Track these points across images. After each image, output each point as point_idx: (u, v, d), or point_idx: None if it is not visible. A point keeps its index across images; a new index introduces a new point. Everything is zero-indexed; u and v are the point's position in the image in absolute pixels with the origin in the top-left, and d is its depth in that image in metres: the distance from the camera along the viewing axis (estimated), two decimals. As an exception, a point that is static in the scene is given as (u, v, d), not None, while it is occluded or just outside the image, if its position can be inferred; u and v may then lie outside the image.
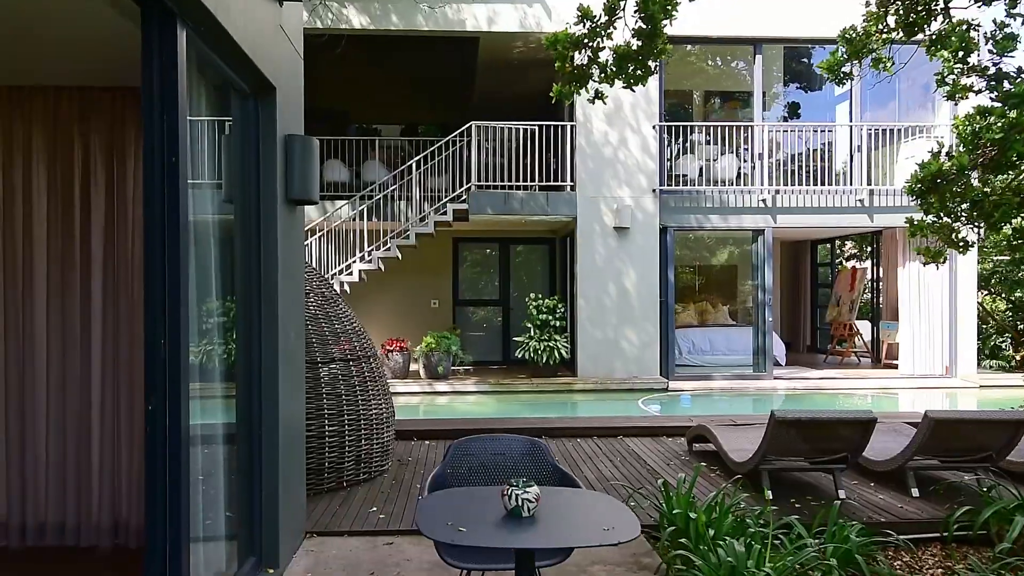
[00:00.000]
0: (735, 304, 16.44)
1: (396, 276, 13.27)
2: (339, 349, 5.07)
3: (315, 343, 4.96)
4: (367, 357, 5.34)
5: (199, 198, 2.98)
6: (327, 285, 5.58)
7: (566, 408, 10.22)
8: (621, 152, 11.33)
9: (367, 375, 5.25)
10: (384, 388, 5.52)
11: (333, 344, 5.08)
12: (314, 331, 5.00)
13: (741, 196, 11.51)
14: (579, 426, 6.88)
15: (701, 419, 7.18)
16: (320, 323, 5.07)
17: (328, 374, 4.98)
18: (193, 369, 2.58)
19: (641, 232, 11.33)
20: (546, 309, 11.41)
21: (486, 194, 11.14)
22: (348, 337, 5.17)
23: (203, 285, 2.96)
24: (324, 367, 4.98)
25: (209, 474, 3.03)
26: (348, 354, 5.14)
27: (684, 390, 10.79)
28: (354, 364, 5.16)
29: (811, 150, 12.51)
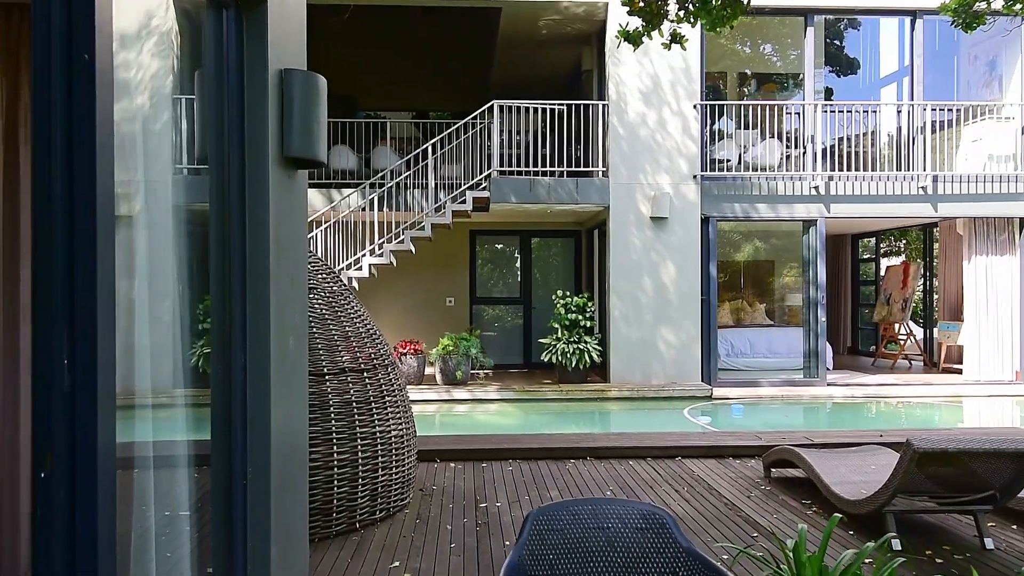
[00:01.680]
0: (771, 302, 15.46)
1: (409, 272, 12.37)
2: (351, 357, 4.15)
3: (321, 350, 4.05)
4: (384, 366, 4.42)
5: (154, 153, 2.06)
6: (335, 279, 4.66)
7: (601, 419, 9.29)
8: (659, 134, 10.37)
9: (384, 388, 4.33)
10: (404, 403, 4.60)
11: (344, 351, 4.16)
12: (320, 335, 4.09)
13: (790, 183, 10.53)
14: (629, 445, 5.94)
15: (770, 436, 6.25)
16: (327, 325, 4.15)
17: (337, 388, 4.06)
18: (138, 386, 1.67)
19: (680, 222, 10.38)
20: (575, 308, 10.47)
21: (509, 181, 10.21)
22: (362, 342, 4.25)
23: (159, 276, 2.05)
24: (332, 379, 4.06)
25: (166, 526, 2.12)
26: (362, 363, 4.22)
27: (730, 398, 9.83)
28: (369, 375, 4.24)
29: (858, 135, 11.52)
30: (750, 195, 10.50)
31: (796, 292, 15.32)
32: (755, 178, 10.56)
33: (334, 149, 12.00)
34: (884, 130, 11.52)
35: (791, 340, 12.67)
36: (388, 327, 12.55)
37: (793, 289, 15.40)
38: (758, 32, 14.38)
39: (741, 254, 16.06)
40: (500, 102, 10.16)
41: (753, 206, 10.50)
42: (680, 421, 8.49)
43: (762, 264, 15.55)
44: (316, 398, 3.93)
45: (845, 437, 6.19)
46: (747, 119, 11.09)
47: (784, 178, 10.59)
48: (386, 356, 4.52)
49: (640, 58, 10.20)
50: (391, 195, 10.79)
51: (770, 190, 10.50)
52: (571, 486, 5.06)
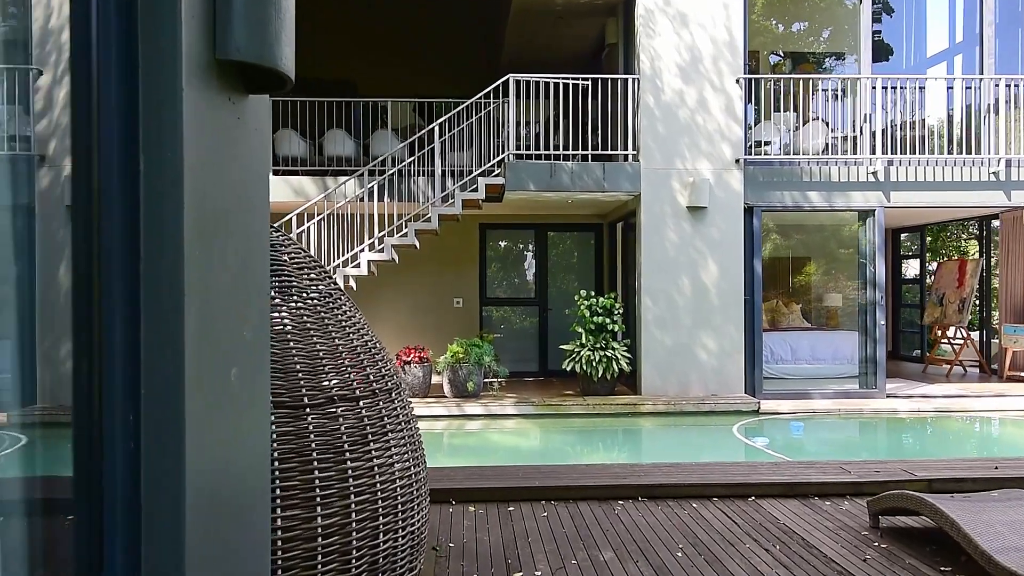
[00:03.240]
0: (807, 303, 14.39)
1: (412, 269, 11.33)
2: (342, 380, 3.09)
3: (300, 372, 2.98)
4: (387, 390, 3.35)
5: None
6: (324, 276, 3.56)
7: (636, 440, 8.23)
8: (699, 115, 9.30)
9: (388, 420, 3.26)
10: (413, 438, 3.52)
11: (333, 372, 3.09)
12: (298, 351, 3.02)
13: (844, 169, 9.46)
14: (689, 482, 4.87)
15: (858, 468, 5.18)
16: (309, 338, 3.08)
17: (321, 425, 2.99)
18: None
19: (721, 213, 9.31)
20: (601, 310, 9.41)
21: (527, 166, 9.15)
22: (357, 360, 3.19)
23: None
24: (315, 413, 2.99)
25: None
26: (358, 388, 3.15)
27: (780, 412, 8.75)
28: (367, 403, 3.17)
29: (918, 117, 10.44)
30: (800, 182, 9.42)
31: (835, 292, 14.26)
32: (805, 163, 9.48)
33: (329, 134, 10.97)
34: (947, 108, 10.44)
35: (837, 345, 11.62)
36: (390, 332, 11.51)
37: (832, 288, 14.33)
38: (790, 8, 13.31)
39: (773, 249, 14.99)
40: (517, 76, 9.10)
41: (804, 194, 9.43)
42: (731, 442, 7.43)
43: (796, 261, 14.47)
44: (292, 440, 2.87)
45: (952, 469, 5.12)
46: (790, 98, 10.01)
47: (838, 163, 9.52)
48: (389, 376, 3.45)
49: (679, 28, 9.14)
50: (393, 184, 9.75)
51: (823, 176, 9.43)
52: (627, 542, 3.99)
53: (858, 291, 9.93)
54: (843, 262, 14.39)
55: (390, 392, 3.42)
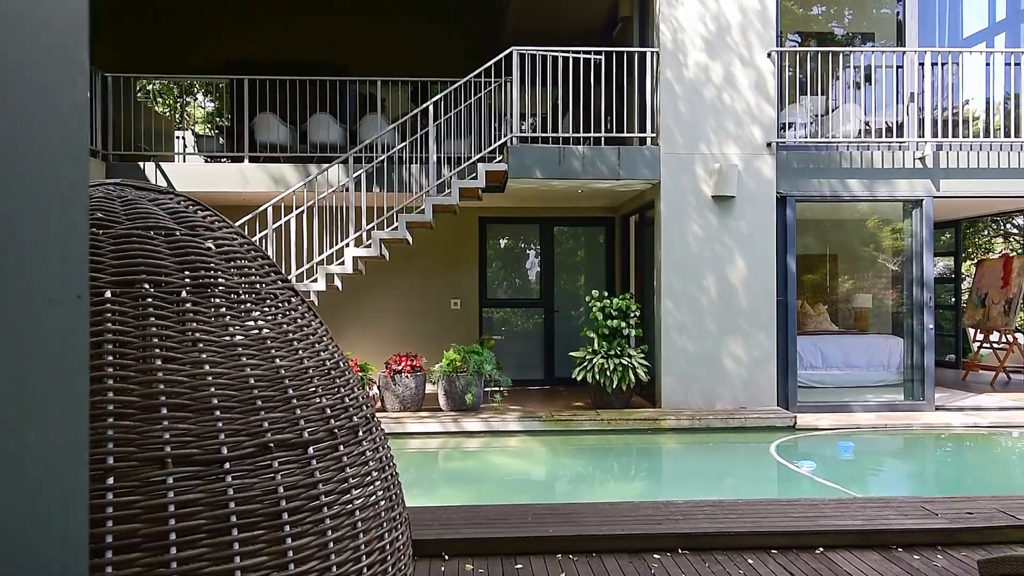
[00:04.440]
0: (834, 304, 13.49)
1: (405, 268, 10.44)
2: (288, 420, 2.17)
3: (218, 412, 2.06)
4: (351, 428, 2.44)
5: None
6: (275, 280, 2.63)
7: (659, 462, 7.34)
8: (726, 93, 8.41)
9: (351, 472, 2.34)
10: (389, 490, 2.60)
11: (270, 407, 2.17)
12: (217, 381, 2.09)
13: (888, 154, 8.57)
14: (741, 529, 3.97)
15: (944, 508, 4.29)
16: (239, 365, 2.16)
17: (247, 486, 2.06)
18: None
19: (751, 203, 8.42)
20: (616, 312, 8.51)
21: (532, 150, 8.25)
22: (305, 392, 2.26)
23: None
24: (238, 470, 2.06)
25: None
26: (307, 431, 2.23)
27: (819, 428, 7.85)
28: (320, 451, 2.25)
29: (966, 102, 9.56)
30: (838, 168, 8.53)
31: (865, 292, 13.37)
32: (844, 148, 8.59)
33: (314, 119, 10.08)
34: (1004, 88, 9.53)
35: (872, 350, 10.75)
36: (379, 337, 10.63)
37: (861, 289, 13.44)
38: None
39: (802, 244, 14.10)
40: (521, 49, 8.21)
41: (843, 182, 8.53)
42: (771, 466, 6.53)
43: (821, 258, 13.56)
44: (200, 511, 1.96)
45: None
46: (827, 76, 9.11)
47: (881, 148, 8.62)
48: (355, 408, 2.53)
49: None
50: (383, 172, 8.86)
51: (864, 162, 8.53)
52: (674, 620, 3.10)
53: (898, 292, 9.02)
54: (871, 259, 13.49)
55: (355, 430, 2.49)
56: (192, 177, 9.03)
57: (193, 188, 9.00)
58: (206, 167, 9.15)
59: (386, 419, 7.79)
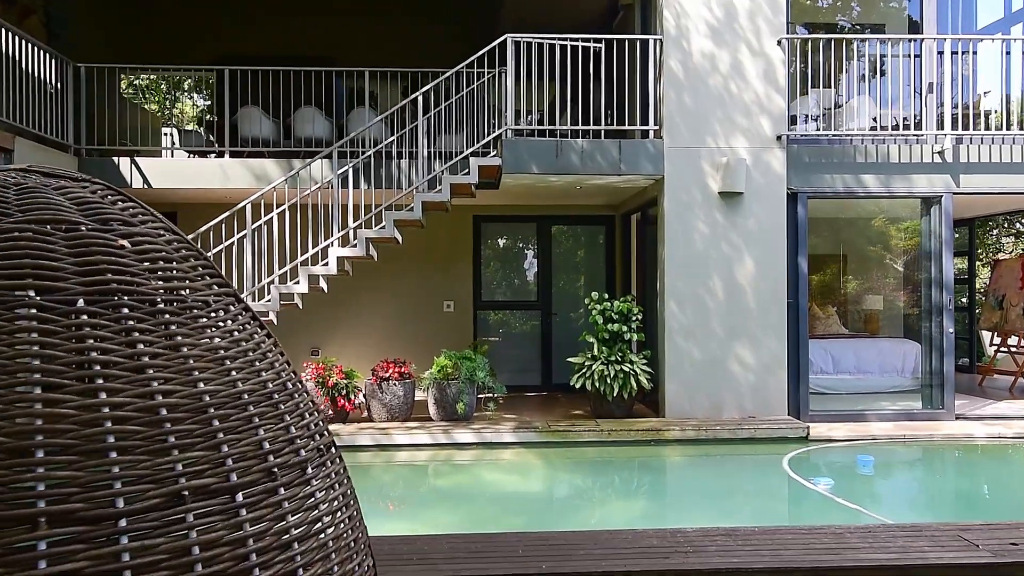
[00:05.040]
0: (843, 306, 13.08)
1: (395, 268, 10.03)
2: (210, 462, 1.70)
3: (113, 450, 1.58)
4: (298, 464, 1.96)
5: None
6: (211, 286, 2.15)
7: (662, 476, 6.92)
8: (734, 83, 7.99)
9: (293, 521, 1.87)
10: (352, 546, 2.14)
11: (188, 444, 1.70)
12: (114, 411, 1.62)
13: (905, 148, 8.16)
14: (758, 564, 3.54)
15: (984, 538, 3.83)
16: (147, 394, 1.68)
17: (148, 548, 1.58)
18: None
19: (760, 200, 8.00)
20: (617, 315, 8.10)
21: (528, 144, 7.84)
22: (238, 422, 1.78)
23: None
24: (137, 528, 1.59)
25: None
26: (238, 469, 1.76)
27: (834, 439, 7.44)
28: (249, 500, 1.78)
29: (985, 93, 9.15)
30: (852, 163, 8.11)
31: (875, 294, 12.96)
32: (859, 141, 8.18)
33: (300, 112, 9.67)
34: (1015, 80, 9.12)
35: (884, 354, 10.34)
36: (367, 341, 10.21)
37: (872, 290, 13.03)
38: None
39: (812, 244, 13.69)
40: (516, 36, 7.79)
41: (857, 178, 8.12)
42: (784, 483, 6.11)
43: (830, 258, 13.14)
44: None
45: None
46: (839, 65, 8.70)
47: (897, 141, 8.21)
48: (307, 441, 2.07)
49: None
50: (371, 167, 8.44)
51: (880, 156, 8.12)
52: None
53: (911, 293, 8.60)
54: (883, 259, 13.08)
55: (303, 467, 2.02)
56: (170, 173, 8.62)
57: (171, 185, 8.59)
58: (184, 163, 8.73)
59: (372, 430, 7.37)
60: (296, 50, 11.14)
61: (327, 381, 7.61)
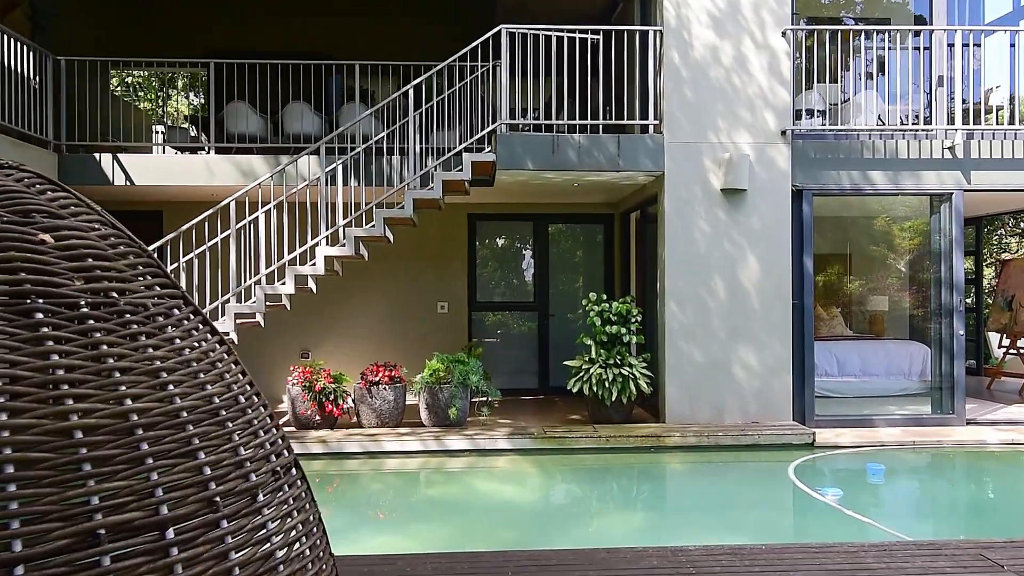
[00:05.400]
0: (847, 306, 12.83)
1: (387, 268, 9.80)
2: (130, 488, 1.45)
3: (16, 488, 1.33)
4: (250, 493, 1.72)
5: None
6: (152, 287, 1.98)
7: (662, 484, 6.66)
8: (737, 76, 7.75)
9: (237, 560, 1.62)
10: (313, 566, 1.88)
11: (125, 474, 1.45)
12: (26, 444, 1.37)
13: (914, 144, 7.91)
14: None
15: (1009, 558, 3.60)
16: (60, 413, 1.43)
17: None
18: None
19: (764, 197, 7.76)
20: (616, 317, 7.85)
21: (524, 139, 7.59)
22: (173, 445, 1.53)
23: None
24: (47, 569, 1.34)
25: None
26: (171, 504, 1.51)
27: (840, 445, 7.19)
28: (183, 536, 1.53)
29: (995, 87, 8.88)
30: (859, 159, 7.86)
31: (880, 294, 12.71)
32: (866, 136, 7.93)
33: (289, 107, 9.43)
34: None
35: (891, 356, 10.10)
36: (358, 344, 9.97)
37: (876, 291, 12.78)
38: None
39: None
40: (510, 27, 7.54)
41: (864, 174, 7.87)
42: (790, 493, 5.86)
43: (834, 257, 12.89)
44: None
45: None
46: (844, 59, 8.46)
47: (906, 136, 7.97)
48: (260, 463, 1.82)
49: (710, -34, 7.60)
50: (361, 164, 8.19)
51: (888, 152, 7.87)
52: None
53: (917, 294, 8.35)
54: (889, 258, 12.84)
55: (254, 494, 1.78)
56: (153, 170, 8.37)
57: (154, 182, 8.34)
58: (168, 159, 8.48)
59: (360, 436, 7.11)
60: (294, 49, 10.88)
61: (314, 385, 7.36)
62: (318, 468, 6.82)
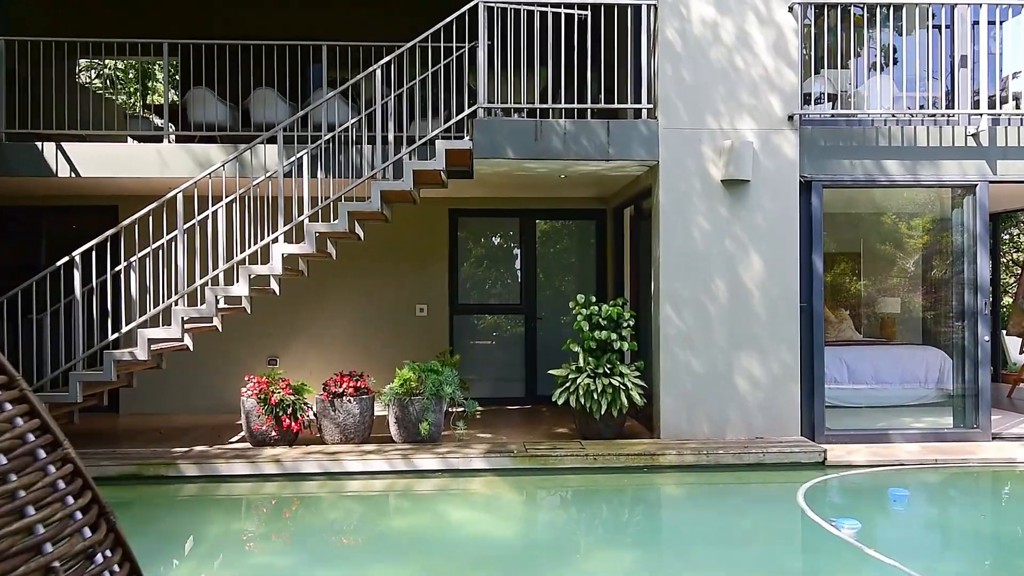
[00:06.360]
0: (856, 308, 12.12)
1: (360, 267, 9.14)
2: None
3: None
4: None
5: None
6: None
7: (656, 514, 5.97)
8: (739, 55, 7.05)
9: None
10: None
11: None
12: None
13: (934, 131, 7.22)
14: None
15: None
16: None
17: None
18: None
19: (769, 189, 7.06)
20: (605, 321, 7.16)
21: (504, 124, 6.90)
22: None
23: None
24: None
25: None
26: None
27: (854, 464, 6.48)
28: None
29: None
30: (874, 147, 7.17)
31: (891, 296, 12.01)
32: (881, 122, 7.23)
33: (257, 93, 8.73)
34: None
35: (904, 363, 9.41)
36: (330, 350, 9.31)
37: (888, 292, 12.07)
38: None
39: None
40: (489, 2, 6.83)
41: (878, 164, 7.17)
42: (799, 526, 5.15)
43: (840, 256, 12.17)
44: None
45: None
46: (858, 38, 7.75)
47: (926, 122, 7.27)
48: None
49: (709, -67, 6.90)
50: (332, 155, 7.51)
51: (906, 139, 7.17)
52: None
53: (933, 295, 7.64)
54: (901, 257, 12.13)
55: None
56: (99, 160, 7.67)
57: (101, 173, 7.65)
58: (116, 148, 7.78)
59: (320, 455, 6.41)
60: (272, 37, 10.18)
61: (270, 398, 6.66)
62: (270, 491, 6.12)
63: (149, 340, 6.78)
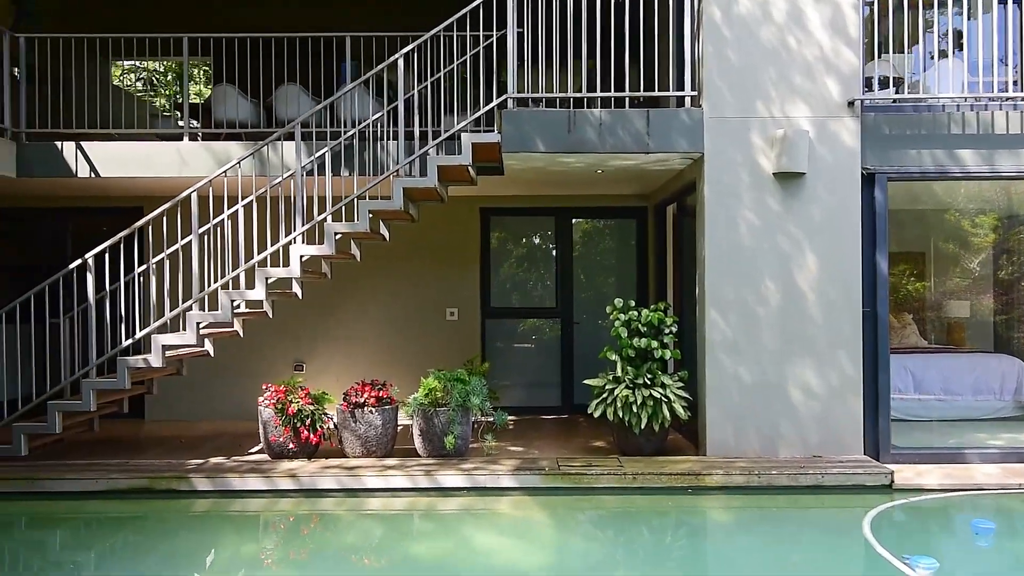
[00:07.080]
0: (922, 312, 11.29)
1: (387, 269, 8.80)
2: None
3: None
4: None
5: None
6: None
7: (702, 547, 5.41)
8: (792, 35, 6.45)
9: None
10: None
11: None
12: None
13: (1014, 116, 6.50)
14: None
15: None
16: None
17: None
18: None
19: (827, 182, 6.44)
20: (645, 328, 6.63)
21: (534, 115, 6.42)
22: None
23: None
24: None
25: None
26: None
27: (925, 487, 5.83)
28: None
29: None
30: (947, 135, 6.48)
31: (959, 300, 11.16)
32: (953, 107, 6.54)
33: (281, 90, 8.44)
34: None
35: (978, 372, 8.65)
36: (358, 356, 8.99)
37: (954, 295, 11.22)
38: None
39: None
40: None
41: (950, 153, 6.49)
42: (866, 558, 4.56)
43: (908, 258, 11.35)
44: None
45: None
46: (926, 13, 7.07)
47: (1005, 107, 6.56)
48: None
49: (759, -98, 6.32)
50: (356, 152, 7.15)
51: (982, 126, 6.47)
52: None
53: (1010, 300, 6.90)
54: (971, 257, 11.25)
55: None
56: (118, 159, 7.45)
57: (121, 173, 7.44)
58: (134, 147, 7.54)
59: (338, 469, 6.03)
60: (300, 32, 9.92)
61: (288, 408, 6.31)
62: (284, 508, 5.76)
63: (164, 347, 6.51)
